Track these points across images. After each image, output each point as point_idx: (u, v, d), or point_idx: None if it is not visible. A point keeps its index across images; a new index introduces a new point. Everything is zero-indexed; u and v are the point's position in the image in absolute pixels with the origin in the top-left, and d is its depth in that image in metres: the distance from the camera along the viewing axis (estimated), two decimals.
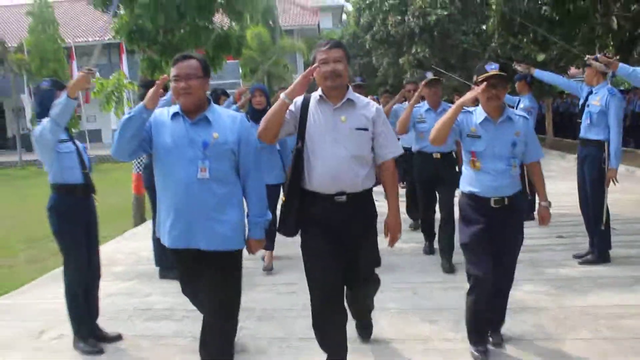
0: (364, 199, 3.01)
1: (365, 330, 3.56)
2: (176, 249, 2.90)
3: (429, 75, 5.19)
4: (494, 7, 7.60)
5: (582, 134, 4.99)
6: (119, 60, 26.14)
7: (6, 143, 29.77)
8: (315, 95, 3.05)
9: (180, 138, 2.83)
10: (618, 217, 5.86)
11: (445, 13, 13.68)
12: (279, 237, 3.55)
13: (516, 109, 6.37)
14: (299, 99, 3.01)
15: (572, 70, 5.82)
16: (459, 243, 3.45)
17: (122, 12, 7.95)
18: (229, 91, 6.55)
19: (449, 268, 4.93)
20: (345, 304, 3.15)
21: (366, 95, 4.90)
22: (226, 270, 2.93)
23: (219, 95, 6.68)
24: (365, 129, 2.97)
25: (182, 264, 3.03)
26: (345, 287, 3.13)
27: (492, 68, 3.14)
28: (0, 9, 32.66)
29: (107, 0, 8.10)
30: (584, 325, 3.64)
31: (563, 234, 5.84)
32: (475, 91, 3.15)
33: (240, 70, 20.79)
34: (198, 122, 2.85)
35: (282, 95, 2.91)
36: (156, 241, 4.52)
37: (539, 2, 7.41)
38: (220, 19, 8.68)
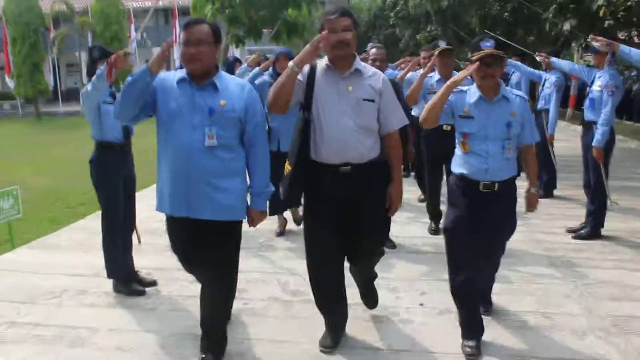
0: (369, 169, 2.94)
1: (369, 298, 3.43)
2: (177, 217, 2.86)
3: (442, 45, 4.87)
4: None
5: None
6: (172, 25, 29.46)
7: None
8: (322, 63, 2.97)
9: (186, 103, 2.75)
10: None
11: None
12: None
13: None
14: (305, 67, 2.91)
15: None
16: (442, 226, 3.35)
17: None
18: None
19: None
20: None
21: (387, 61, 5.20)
22: (226, 240, 2.90)
23: (233, 63, 7.05)
24: (372, 100, 2.92)
25: (180, 233, 2.94)
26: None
27: (488, 45, 2.98)
28: None
29: None
30: None
31: None
32: (469, 70, 3.02)
33: None
34: (205, 87, 2.77)
35: (290, 63, 2.84)
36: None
37: (503, 9, 10.51)
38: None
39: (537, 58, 6.28)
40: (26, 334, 3.42)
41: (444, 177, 5.00)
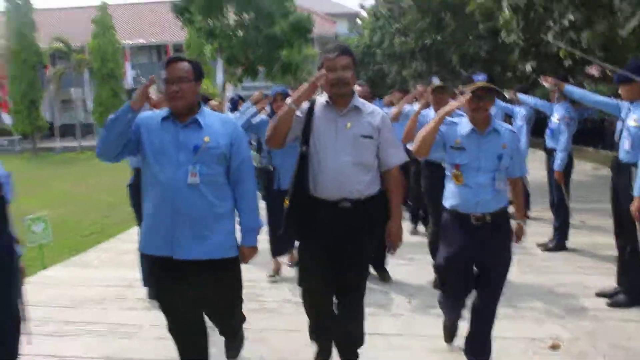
0: (369, 205, 2.97)
1: None
2: (161, 256, 2.79)
3: (436, 81, 4.90)
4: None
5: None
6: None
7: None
8: (321, 100, 3.02)
9: (170, 142, 2.75)
10: None
11: (439, 37, 17.11)
12: None
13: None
14: (304, 103, 2.95)
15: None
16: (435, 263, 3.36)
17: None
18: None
19: None
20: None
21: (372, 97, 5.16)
22: (225, 281, 2.91)
23: (237, 101, 7.61)
24: (370, 137, 2.95)
25: (163, 273, 2.86)
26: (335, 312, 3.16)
27: (480, 79, 3.03)
28: (65, 11, 36.64)
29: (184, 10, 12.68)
30: None
31: None
32: (460, 101, 3.07)
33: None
34: (188, 125, 2.78)
35: (288, 101, 2.89)
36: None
37: (479, 49, 11.53)
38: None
39: (507, 95, 7.11)
40: (81, 330, 4.09)
41: None
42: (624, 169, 4.20)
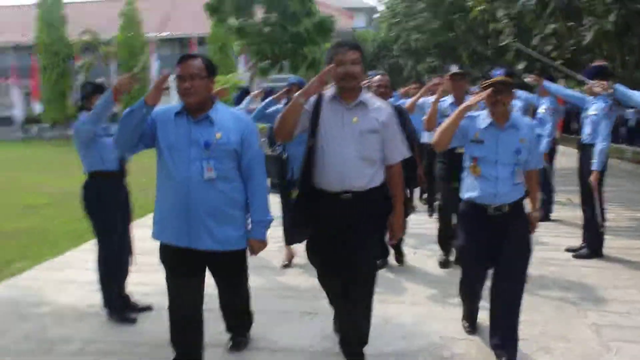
0: (370, 197, 3.01)
1: None
2: (177, 247, 2.91)
3: (454, 69, 5.03)
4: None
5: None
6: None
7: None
8: (329, 93, 3.04)
9: (182, 137, 2.84)
10: None
11: (451, 34, 18.04)
12: None
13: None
14: (312, 97, 2.97)
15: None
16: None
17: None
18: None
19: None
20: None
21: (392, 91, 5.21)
22: (233, 270, 3.09)
23: (270, 92, 8.38)
24: (376, 132, 2.98)
25: (177, 263, 3.00)
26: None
27: (498, 74, 3.10)
28: (95, 4, 37.69)
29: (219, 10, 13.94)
30: None
31: None
32: (480, 96, 3.11)
33: None
34: (200, 121, 2.85)
35: (296, 95, 2.94)
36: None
37: (486, 49, 12.60)
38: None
39: None
40: (152, 269, 5.11)
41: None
42: (586, 148, 5.26)
